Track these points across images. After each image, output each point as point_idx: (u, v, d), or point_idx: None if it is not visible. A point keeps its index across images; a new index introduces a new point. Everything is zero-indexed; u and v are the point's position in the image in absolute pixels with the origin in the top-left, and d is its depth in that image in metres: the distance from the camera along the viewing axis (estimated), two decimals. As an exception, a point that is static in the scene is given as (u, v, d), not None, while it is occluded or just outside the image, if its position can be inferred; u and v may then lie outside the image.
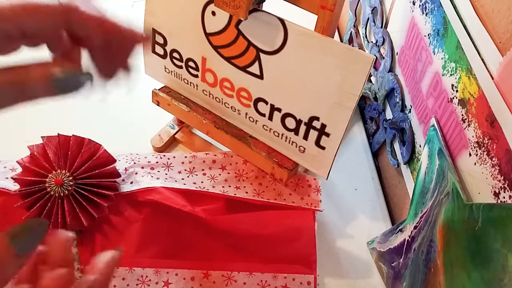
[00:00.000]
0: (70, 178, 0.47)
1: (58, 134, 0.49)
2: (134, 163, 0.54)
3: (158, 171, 0.54)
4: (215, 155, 0.55)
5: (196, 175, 0.54)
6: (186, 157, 0.55)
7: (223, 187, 0.53)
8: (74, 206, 0.47)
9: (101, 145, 0.50)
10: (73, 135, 0.50)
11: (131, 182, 0.51)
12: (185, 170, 0.54)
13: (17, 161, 0.49)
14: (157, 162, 0.54)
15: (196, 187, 0.52)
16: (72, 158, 0.49)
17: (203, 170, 0.54)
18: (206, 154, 0.55)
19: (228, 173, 0.54)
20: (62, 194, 0.47)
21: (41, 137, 0.50)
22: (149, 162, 0.54)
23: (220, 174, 0.54)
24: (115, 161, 0.51)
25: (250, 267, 0.48)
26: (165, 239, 0.49)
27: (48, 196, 0.47)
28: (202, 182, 0.53)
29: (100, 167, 0.49)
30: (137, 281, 0.47)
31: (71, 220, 0.47)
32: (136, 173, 0.53)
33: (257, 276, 0.48)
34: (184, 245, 0.49)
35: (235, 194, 0.51)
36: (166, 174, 0.53)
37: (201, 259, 0.49)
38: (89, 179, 0.48)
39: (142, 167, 0.54)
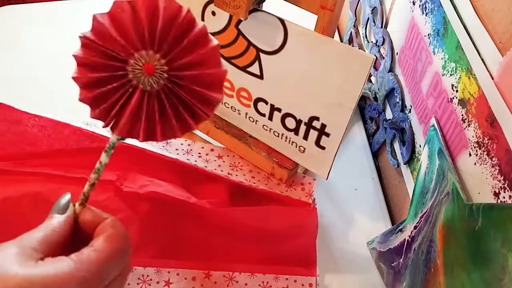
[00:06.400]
0: (163, 64, 0.29)
1: None
2: None
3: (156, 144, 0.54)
4: (214, 146, 0.56)
5: (192, 155, 0.54)
6: (183, 143, 0.56)
7: (215, 169, 0.53)
8: (167, 108, 0.30)
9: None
10: None
11: None
12: (182, 150, 0.55)
13: (80, 36, 0.29)
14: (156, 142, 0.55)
15: (189, 162, 0.52)
16: (163, 32, 0.29)
17: (199, 153, 0.55)
18: (206, 143, 0.56)
19: (224, 161, 0.54)
20: (151, 89, 0.29)
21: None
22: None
23: (215, 160, 0.54)
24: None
25: (251, 268, 0.48)
26: (165, 238, 0.49)
27: (131, 91, 0.29)
28: (195, 161, 0.54)
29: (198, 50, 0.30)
30: (138, 280, 0.47)
31: (163, 125, 0.31)
32: None
33: (258, 277, 0.48)
34: (185, 244, 0.49)
35: (226, 176, 0.52)
36: (163, 147, 0.54)
37: (203, 258, 0.49)
38: (189, 70, 0.30)
39: None
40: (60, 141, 0.52)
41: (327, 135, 0.45)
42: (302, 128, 0.46)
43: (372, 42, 0.61)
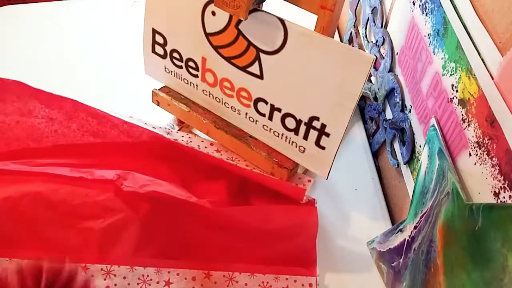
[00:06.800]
0: None
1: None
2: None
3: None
4: (213, 141, 0.56)
5: (192, 147, 0.54)
6: (184, 135, 0.56)
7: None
8: None
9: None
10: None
11: None
12: (182, 141, 0.55)
13: None
14: (160, 127, 0.55)
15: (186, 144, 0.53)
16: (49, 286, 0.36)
17: (198, 145, 0.55)
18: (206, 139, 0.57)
19: (221, 155, 0.55)
20: None
21: None
22: (153, 128, 0.55)
23: (213, 153, 0.54)
24: None
25: (251, 268, 0.48)
26: (165, 238, 0.49)
27: None
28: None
29: None
30: (138, 280, 0.47)
31: None
32: None
33: (258, 277, 0.48)
34: (185, 244, 0.49)
35: (221, 157, 0.52)
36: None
37: (203, 258, 0.49)
38: None
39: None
40: (66, 138, 0.53)
41: (327, 135, 0.45)
42: (302, 128, 0.46)
43: (372, 42, 0.61)
